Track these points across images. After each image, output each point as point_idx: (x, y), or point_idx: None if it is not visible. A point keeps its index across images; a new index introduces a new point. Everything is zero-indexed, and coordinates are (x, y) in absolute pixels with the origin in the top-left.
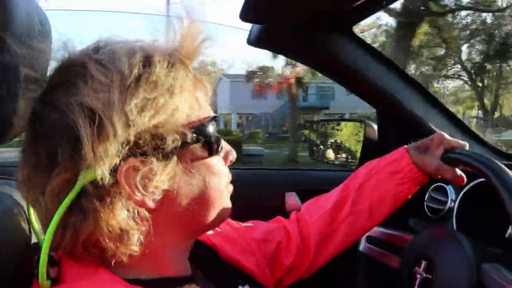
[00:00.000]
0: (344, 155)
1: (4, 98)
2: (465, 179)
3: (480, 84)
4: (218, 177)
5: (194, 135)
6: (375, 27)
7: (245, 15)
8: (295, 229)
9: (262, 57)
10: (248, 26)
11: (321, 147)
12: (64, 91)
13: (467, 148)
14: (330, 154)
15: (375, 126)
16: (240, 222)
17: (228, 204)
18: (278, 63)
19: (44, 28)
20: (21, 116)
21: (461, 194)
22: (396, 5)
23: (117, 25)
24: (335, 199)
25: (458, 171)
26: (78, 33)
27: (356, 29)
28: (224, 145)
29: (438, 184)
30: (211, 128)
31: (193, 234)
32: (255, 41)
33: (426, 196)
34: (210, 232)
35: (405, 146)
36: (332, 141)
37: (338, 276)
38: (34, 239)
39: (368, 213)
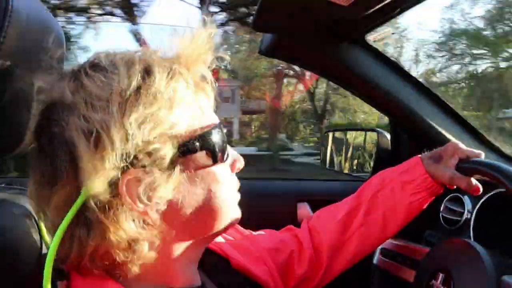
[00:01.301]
0: (357, 165)
1: (18, 109)
2: (481, 189)
3: None
4: (224, 186)
5: (197, 143)
6: (388, 35)
7: (256, 25)
8: (307, 239)
9: None
10: None
11: (334, 156)
12: (64, 106)
13: (482, 157)
14: (343, 163)
15: (388, 136)
16: (252, 231)
17: (236, 212)
18: None
19: (59, 38)
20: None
21: (478, 205)
22: None
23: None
24: (347, 208)
25: (474, 181)
26: None
27: (370, 37)
28: (231, 152)
29: (454, 194)
30: (215, 136)
31: (201, 244)
32: (266, 50)
33: (442, 207)
34: (222, 240)
35: (419, 155)
36: (345, 150)
37: None
38: (45, 250)
39: (381, 224)
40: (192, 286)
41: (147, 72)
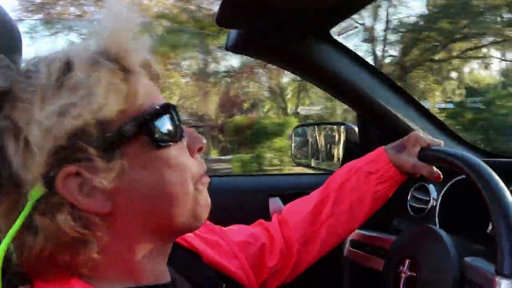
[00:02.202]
0: (326, 158)
1: None
2: (441, 176)
3: None
4: (176, 170)
5: (131, 128)
6: (352, 29)
7: (221, 20)
8: (278, 231)
9: None
10: None
11: (303, 151)
12: None
13: (442, 145)
14: (312, 158)
15: (356, 129)
16: (223, 227)
17: (203, 198)
18: None
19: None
20: None
21: (442, 192)
22: None
23: None
24: (316, 200)
25: (435, 168)
26: None
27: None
28: (189, 132)
29: (421, 183)
30: (158, 119)
31: (165, 236)
32: (232, 46)
33: (409, 196)
34: (192, 236)
35: (383, 146)
36: (315, 145)
37: (323, 281)
38: None
39: (349, 214)
40: (161, 283)
41: (68, 66)
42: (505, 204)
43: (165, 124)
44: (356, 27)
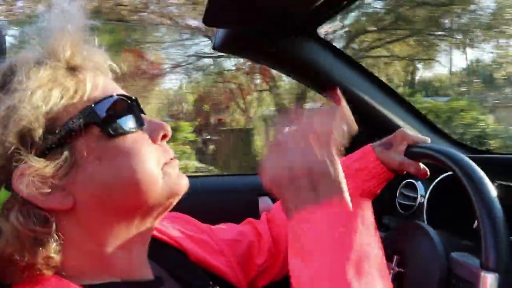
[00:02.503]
0: None
1: None
2: (428, 172)
3: None
4: (135, 158)
5: (80, 121)
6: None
7: (208, 20)
8: (266, 229)
9: None
10: None
11: None
12: None
13: (428, 142)
14: None
15: None
16: (213, 225)
17: (175, 181)
18: None
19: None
20: None
21: (430, 189)
22: None
23: None
24: None
25: (421, 165)
26: None
27: (322, 31)
28: (150, 121)
29: (409, 180)
30: (106, 109)
31: (137, 225)
32: (220, 46)
33: (398, 194)
34: (179, 234)
35: (371, 144)
36: None
37: None
38: None
39: None
40: (142, 280)
41: (11, 70)
42: (489, 200)
43: (118, 115)
44: (344, 26)
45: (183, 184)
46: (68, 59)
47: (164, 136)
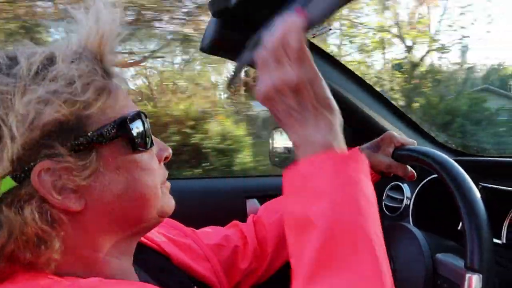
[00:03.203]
0: None
1: None
2: (415, 175)
3: None
4: (148, 174)
5: (113, 130)
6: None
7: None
8: (252, 232)
9: None
10: None
11: (281, 151)
12: None
13: (415, 145)
14: (291, 159)
15: None
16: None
17: (167, 202)
18: None
19: None
20: None
21: (416, 191)
22: None
23: None
24: None
25: (409, 168)
26: None
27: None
28: (157, 142)
29: (395, 183)
30: (134, 124)
31: (131, 236)
32: (208, 47)
33: (384, 196)
34: (162, 239)
35: (358, 146)
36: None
37: None
38: None
39: None
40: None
41: (50, 60)
42: (472, 201)
43: (140, 130)
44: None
45: (173, 206)
46: (103, 61)
47: (166, 158)
